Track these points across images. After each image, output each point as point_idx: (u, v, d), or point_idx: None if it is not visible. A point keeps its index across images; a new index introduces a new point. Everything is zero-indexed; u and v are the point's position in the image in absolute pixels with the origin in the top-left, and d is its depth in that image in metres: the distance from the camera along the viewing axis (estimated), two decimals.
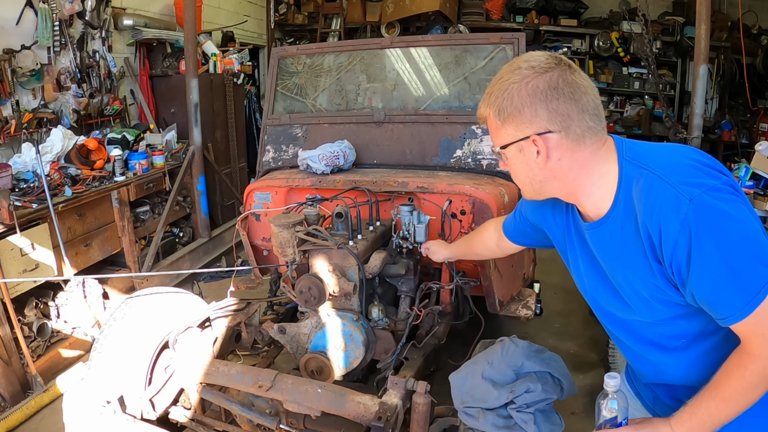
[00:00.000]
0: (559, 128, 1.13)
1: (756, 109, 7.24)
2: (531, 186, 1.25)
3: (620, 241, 1.18)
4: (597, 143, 1.17)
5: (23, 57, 3.85)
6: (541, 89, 1.12)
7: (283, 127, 3.28)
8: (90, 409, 1.94)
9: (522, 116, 1.14)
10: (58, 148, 3.89)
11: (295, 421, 2.00)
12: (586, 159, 1.17)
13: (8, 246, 3.11)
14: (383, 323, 2.25)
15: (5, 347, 3.01)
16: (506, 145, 1.20)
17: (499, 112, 1.17)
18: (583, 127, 1.14)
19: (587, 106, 1.13)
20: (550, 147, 1.15)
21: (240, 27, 7.21)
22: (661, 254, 1.10)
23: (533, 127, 1.14)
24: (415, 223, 2.31)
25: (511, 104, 1.14)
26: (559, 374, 1.60)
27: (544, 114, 1.12)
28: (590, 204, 1.23)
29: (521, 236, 1.72)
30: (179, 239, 5.13)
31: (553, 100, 1.12)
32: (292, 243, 2.09)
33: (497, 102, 1.17)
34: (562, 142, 1.14)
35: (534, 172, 1.20)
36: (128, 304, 2.21)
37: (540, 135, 1.14)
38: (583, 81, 1.14)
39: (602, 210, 1.20)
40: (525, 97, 1.13)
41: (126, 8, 5.05)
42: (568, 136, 1.14)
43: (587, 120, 1.14)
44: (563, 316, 4.12)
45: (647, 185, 1.11)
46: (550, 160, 1.16)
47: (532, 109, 1.13)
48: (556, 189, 1.24)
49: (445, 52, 3.19)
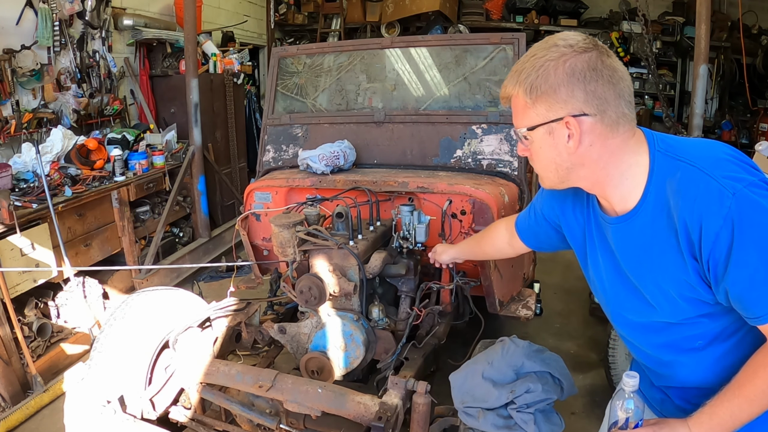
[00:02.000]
0: (595, 111, 1.07)
1: (756, 109, 7.24)
2: (556, 173, 1.17)
3: (650, 235, 1.13)
4: (628, 132, 1.11)
5: (23, 57, 3.85)
6: (579, 69, 1.05)
7: (283, 127, 3.28)
8: (90, 409, 1.94)
9: (557, 96, 1.07)
10: (58, 148, 3.89)
11: (296, 421, 2.00)
12: (616, 147, 1.11)
13: (8, 246, 3.11)
14: (383, 323, 2.25)
15: (5, 347, 3.01)
16: (535, 126, 1.12)
17: (531, 90, 1.09)
18: (619, 113, 1.08)
19: (623, 92, 1.09)
20: (583, 131, 1.08)
21: (240, 27, 7.21)
22: (699, 250, 1.04)
23: (568, 108, 1.07)
24: (415, 223, 2.31)
25: (545, 82, 1.07)
26: (559, 374, 1.60)
27: (580, 95, 1.06)
28: (616, 196, 1.16)
29: (534, 238, 1.67)
30: (179, 239, 5.13)
31: (591, 81, 1.05)
32: (292, 243, 2.09)
33: (529, 79, 1.08)
34: (596, 127, 1.08)
35: (562, 157, 1.13)
36: (128, 303, 2.21)
37: (575, 117, 1.07)
38: (619, 66, 1.09)
39: (629, 203, 1.15)
40: (562, 75, 1.06)
41: (126, 8, 5.05)
42: (602, 121, 1.08)
43: (623, 106, 1.09)
44: (563, 316, 4.12)
45: (686, 178, 1.06)
46: (582, 145, 1.10)
47: (568, 88, 1.06)
48: (581, 177, 1.17)
49: (445, 52, 3.19)
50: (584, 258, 1.38)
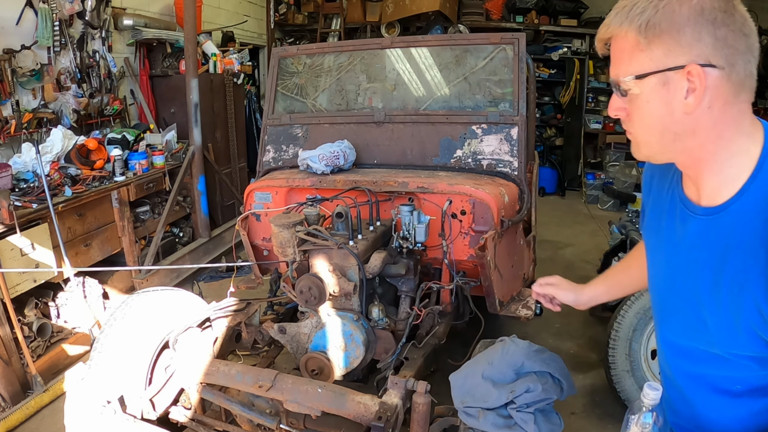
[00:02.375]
0: (724, 64, 0.86)
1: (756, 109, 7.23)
2: (660, 137, 0.95)
3: (737, 240, 0.92)
4: (747, 103, 0.91)
5: (23, 57, 3.85)
6: (708, 8, 0.85)
7: (283, 127, 3.28)
8: (90, 409, 1.94)
9: (680, 38, 0.86)
10: (58, 148, 3.89)
11: (296, 421, 2.00)
12: (733, 118, 0.91)
13: (8, 246, 3.11)
14: (383, 323, 2.25)
15: (5, 347, 3.01)
16: (647, 74, 0.90)
17: (648, 28, 0.88)
18: (747, 73, 0.88)
19: (753, 46, 0.88)
20: (707, 86, 0.87)
21: (240, 27, 7.21)
22: None
23: (692, 55, 0.86)
24: (415, 223, 2.31)
25: (667, 19, 0.86)
26: (559, 374, 1.60)
27: (709, 40, 0.85)
28: (711, 182, 0.96)
29: None
30: (179, 239, 5.13)
31: (722, 25, 0.85)
32: (292, 243, 2.09)
33: (646, 14, 0.88)
34: (722, 84, 0.87)
35: (673, 117, 0.91)
36: (128, 303, 2.21)
37: (702, 67, 0.86)
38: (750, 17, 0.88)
39: (723, 195, 0.94)
40: (688, 13, 0.85)
41: (126, 8, 5.05)
42: (730, 78, 0.87)
43: (752, 65, 0.89)
44: (563, 316, 4.12)
45: None
46: (701, 105, 0.88)
47: (695, 30, 0.85)
48: (684, 149, 0.95)
49: (445, 52, 3.19)
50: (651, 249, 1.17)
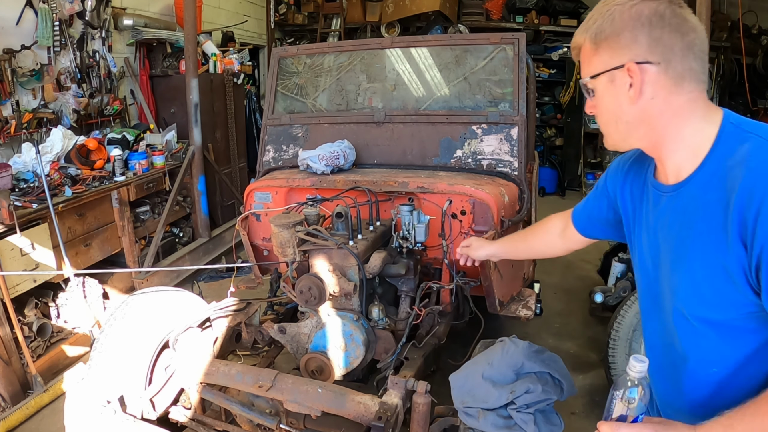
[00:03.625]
0: (659, 60, 1.02)
1: (756, 109, 7.24)
2: (616, 127, 1.12)
3: (695, 210, 1.04)
4: (696, 92, 1.04)
5: (23, 57, 3.85)
6: (645, 14, 1.02)
7: (283, 127, 3.28)
8: (90, 409, 1.94)
9: (620, 41, 1.04)
10: (58, 148, 3.89)
11: (296, 420, 2.00)
12: (680, 106, 1.05)
13: (8, 246, 3.11)
14: (383, 323, 2.25)
15: (5, 347, 3.01)
16: (598, 74, 1.09)
17: (596, 35, 1.07)
18: (685, 67, 1.02)
19: (693, 44, 1.02)
20: (645, 80, 1.03)
21: (240, 27, 7.21)
22: (753, 235, 0.93)
23: (630, 54, 1.03)
24: (415, 223, 2.31)
25: (610, 26, 1.05)
26: (559, 375, 1.60)
27: (644, 41, 1.02)
28: (672, 162, 1.10)
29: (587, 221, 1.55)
30: (179, 239, 5.13)
31: (656, 28, 1.01)
32: (292, 243, 2.09)
33: (596, 25, 1.07)
34: (659, 78, 1.03)
35: (622, 109, 1.08)
36: (128, 303, 2.21)
37: (637, 64, 1.03)
38: (691, 18, 1.03)
39: (683, 173, 1.08)
40: (627, 20, 1.03)
41: (126, 8, 5.05)
42: (666, 72, 1.02)
43: (691, 59, 1.02)
44: (563, 316, 4.12)
45: (755, 149, 0.97)
46: (643, 96, 1.04)
47: (632, 33, 1.02)
48: (642, 136, 1.11)
49: (445, 52, 3.19)
50: (631, 237, 1.30)
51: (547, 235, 1.76)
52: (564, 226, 1.67)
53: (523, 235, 1.94)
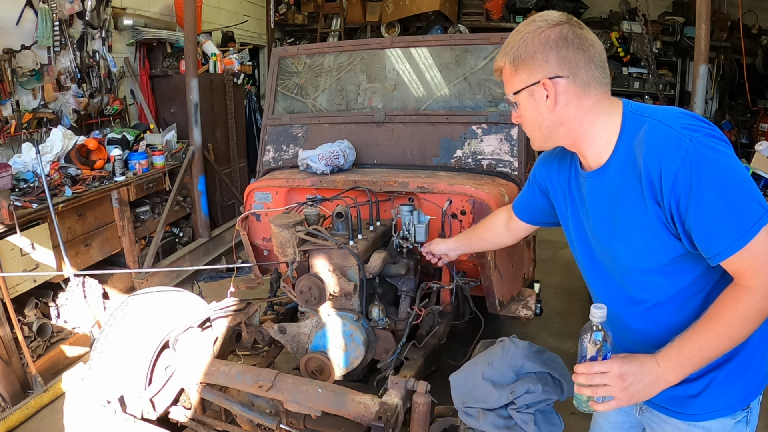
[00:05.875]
0: (568, 73, 1.22)
1: (756, 109, 7.24)
2: (539, 131, 1.33)
3: (618, 186, 1.25)
4: (602, 94, 1.26)
5: (23, 57, 3.85)
6: (552, 38, 1.22)
7: (283, 127, 3.28)
8: (90, 409, 1.94)
9: (534, 62, 1.24)
10: (58, 148, 3.89)
11: (296, 420, 2.00)
12: (590, 107, 1.25)
13: (8, 246, 3.11)
14: (383, 323, 2.25)
15: (5, 347, 3.01)
16: (519, 90, 1.29)
17: (514, 59, 1.27)
18: (590, 76, 1.23)
19: (594, 57, 1.23)
20: (558, 91, 1.23)
21: (240, 27, 7.21)
22: (661, 193, 1.15)
23: (544, 72, 1.23)
24: (415, 223, 2.31)
25: (524, 51, 1.24)
26: (559, 375, 1.60)
27: (554, 60, 1.22)
28: (592, 152, 1.30)
29: (528, 211, 1.76)
30: (179, 239, 5.13)
31: (562, 48, 1.21)
32: (292, 243, 2.09)
33: (513, 50, 1.27)
34: (570, 88, 1.23)
35: (543, 116, 1.28)
36: (128, 303, 2.21)
37: (550, 79, 1.23)
38: (590, 36, 1.24)
39: (602, 159, 1.28)
40: (538, 44, 1.23)
41: (126, 8, 5.05)
42: (575, 82, 1.23)
43: (593, 69, 1.23)
44: (563, 316, 4.12)
45: (650, 129, 1.18)
46: (558, 104, 1.25)
47: (543, 55, 1.23)
48: (562, 136, 1.32)
49: (445, 52, 3.19)
50: (566, 219, 1.50)
51: (495, 227, 1.97)
52: (508, 218, 1.89)
53: (475, 228, 2.11)
